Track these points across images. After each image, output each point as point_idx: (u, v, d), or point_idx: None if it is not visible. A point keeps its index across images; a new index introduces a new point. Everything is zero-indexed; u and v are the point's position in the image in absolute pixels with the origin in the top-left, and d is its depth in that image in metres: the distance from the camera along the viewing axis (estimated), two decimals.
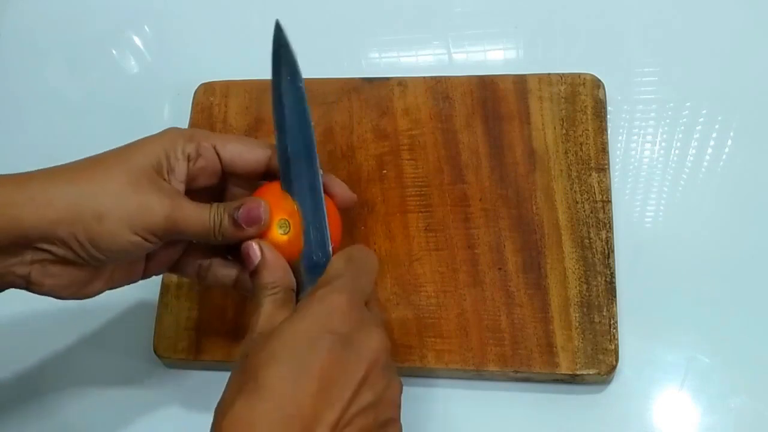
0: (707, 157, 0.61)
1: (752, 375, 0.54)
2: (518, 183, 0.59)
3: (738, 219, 0.59)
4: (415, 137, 0.62)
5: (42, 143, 0.69)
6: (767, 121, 0.62)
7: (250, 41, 0.72)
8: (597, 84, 0.61)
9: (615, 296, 0.55)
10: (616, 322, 0.54)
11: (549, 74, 0.62)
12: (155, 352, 0.57)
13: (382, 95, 0.64)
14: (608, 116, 0.61)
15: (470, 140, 0.61)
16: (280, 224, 0.47)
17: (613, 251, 0.56)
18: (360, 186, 0.60)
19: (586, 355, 0.53)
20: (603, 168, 0.59)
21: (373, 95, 0.64)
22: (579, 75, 0.62)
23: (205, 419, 0.42)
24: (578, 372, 0.53)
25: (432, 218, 0.59)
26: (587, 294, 0.55)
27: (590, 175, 0.58)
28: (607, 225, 0.57)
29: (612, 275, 0.55)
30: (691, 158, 0.61)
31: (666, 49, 0.66)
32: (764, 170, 0.60)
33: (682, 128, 0.62)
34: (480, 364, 0.54)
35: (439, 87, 0.63)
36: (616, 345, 0.53)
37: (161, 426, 0.57)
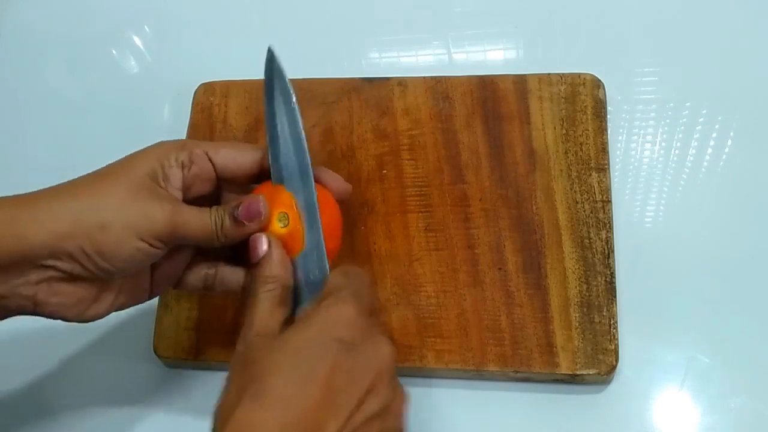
0: (707, 157, 0.61)
1: (752, 375, 0.54)
2: (518, 183, 0.59)
3: (738, 219, 0.59)
4: (415, 137, 0.62)
5: (42, 143, 0.69)
6: (767, 121, 0.62)
7: (250, 41, 0.72)
8: (597, 84, 0.61)
9: (615, 296, 0.55)
10: (616, 322, 0.54)
11: (549, 74, 0.62)
12: (155, 353, 0.58)
13: (382, 95, 0.64)
14: (608, 116, 0.61)
15: (470, 140, 0.61)
16: (280, 217, 0.47)
17: (613, 251, 0.56)
18: (360, 186, 0.60)
19: (586, 355, 0.53)
20: (603, 168, 0.59)
21: (373, 95, 0.64)
22: (579, 75, 0.62)
23: (206, 419, 0.42)
24: (578, 372, 0.53)
25: (432, 218, 0.59)
26: (587, 294, 0.55)
27: (590, 175, 0.58)
28: (607, 225, 0.57)
29: (612, 275, 0.55)
30: (691, 158, 0.61)
31: (666, 49, 0.66)
32: (764, 170, 0.60)
33: (682, 128, 0.62)
34: (480, 364, 0.54)
35: (439, 87, 0.63)
36: (616, 345, 0.53)
37: (161, 426, 0.57)
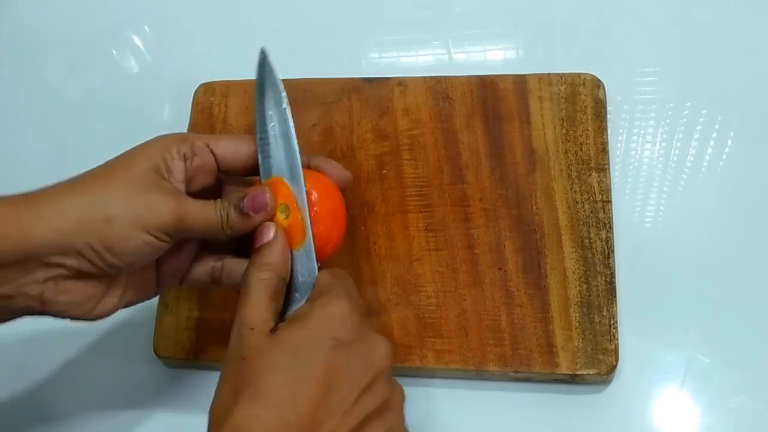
0: (707, 157, 0.61)
1: (752, 375, 0.54)
2: (518, 183, 0.59)
3: (738, 219, 0.59)
4: (415, 137, 0.62)
5: (42, 143, 0.69)
6: (767, 121, 0.62)
7: (250, 41, 0.71)
8: (597, 84, 0.61)
9: (615, 296, 0.55)
10: (616, 322, 0.54)
11: (549, 74, 0.62)
12: (155, 352, 0.58)
13: (382, 95, 0.64)
14: (608, 116, 0.61)
15: (470, 140, 0.61)
16: (281, 209, 0.47)
17: (613, 251, 0.56)
18: (360, 186, 0.60)
19: (586, 355, 0.53)
20: (603, 168, 0.59)
21: (373, 95, 0.64)
22: (579, 75, 0.62)
23: (206, 419, 0.42)
24: (578, 372, 0.53)
25: (432, 218, 0.59)
26: (587, 294, 0.55)
27: (590, 175, 0.58)
28: (607, 225, 0.57)
29: (612, 275, 0.55)
30: (691, 158, 0.61)
31: (666, 49, 0.66)
32: (764, 170, 0.60)
33: (682, 128, 0.62)
34: (480, 364, 0.54)
35: (439, 87, 0.63)
36: (616, 345, 0.53)
37: (161, 426, 0.57)
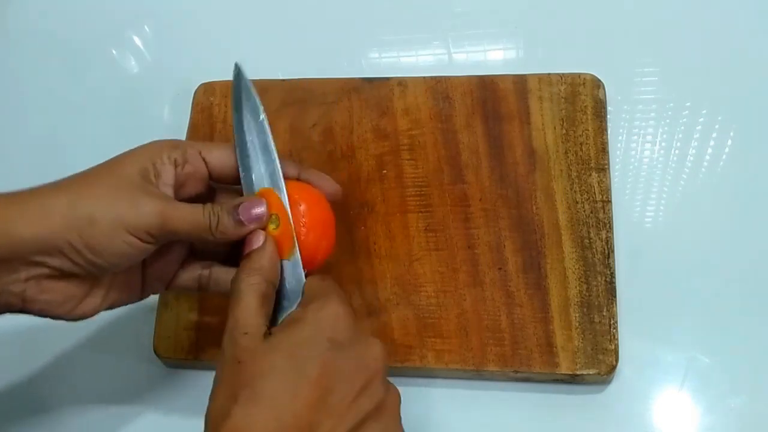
0: (707, 157, 0.61)
1: (752, 375, 0.54)
2: (518, 183, 0.59)
3: (738, 219, 0.59)
4: (415, 137, 0.62)
5: (42, 143, 0.69)
6: (767, 121, 0.62)
7: (250, 41, 0.72)
8: (597, 84, 0.61)
9: (615, 296, 0.55)
10: (616, 322, 0.54)
11: (549, 74, 0.62)
12: (155, 352, 0.57)
13: (382, 95, 0.64)
14: (608, 116, 0.61)
15: (470, 140, 0.61)
16: (271, 219, 0.47)
17: (613, 251, 0.56)
18: (360, 186, 0.60)
19: (586, 355, 0.53)
20: (603, 168, 0.59)
21: (373, 95, 0.64)
22: (579, 75, 0.62)
23: None
24: (578, 372, 0.53)
25: (432, 218, 0.59)
26: (587, 294, 0.55)
27: (590, 175, 0.58)
28: (607, 225, 0.57)
29: (612, 275, 0.55)
30: (691, 158, 0.61)
31: (666, 49, 0.66)
32: (764, 170, 0.60)
33: (682, 128, 0.62)
34: (480, 364, 0.54)
35: (439, 87, 0.63)
36: (616, 345, 0.53)
37: (161, 426, 0.57)
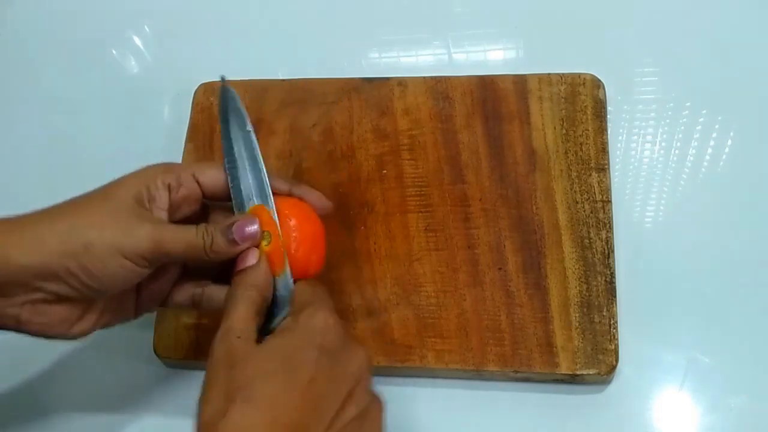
0: (707, 157, 0.61)
1: (752, 375, 0.54)
2: (518, 183, 0.59)
3: (738, 219, 0.59)
4: (415, 137, 0.62)
5: (42, 143, 0.69)
6: (767, 121, 0.62)
7: (250, 41, 0.72)
8: (597, 84, 0.61)
9: (615, 296, 0.55)
10: (616, 322, 0.54)
11: (549, 74, 0.62)
12: (155, 352, 0.57)
13: (382, 95, 0.64)
14: (608, 116, 0.61)
15: (470, 140, 0.61)
16: (263, 236, 0.48)
17: (613, 251, 0.56)
18: (360, 186, 0.60)
19: (586, 355, 0.53)
20: (603, 168, 0.59)
21: (373, 95, 0.64)
22: (579, 75, 0.62)
23: None
24: (578, 372, 0.53)
25: (432, 218, 0.59)
26: (587, 294, 0.55)
27: (590, 175, 0.58)
28: (607, 225, 0.57)
29: (612, 275, 0.55)
30: (691, 158, 0.61)
31: (666, 49, 0.66)
32: (764, 170, 0.60)
33: (682, 128, 0.62)
34: (480, 364, 0.54)
35: (439, 87, 0.63)
36: (616, 345, 0.53)
37: (161, 426, 0.57)
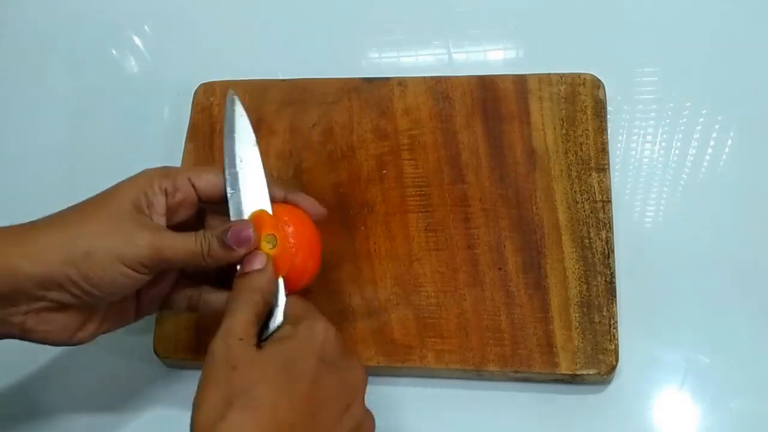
0: (707, 157, 0.61)
1: (752, 375, 0.54)
2: (518, 183, 0.59)
3: (738, 219, 0.59)
4: (415, 137, 0.62)
5: (42, 143, 0.69)
6: (767, 121, 0.62)
7: (250, 41, 0.72)
8: (597, 84, 0.61)
9: (615, 296, 0.55)
10: (616, 322, 0.54)
11: (549, 74, 0.62)
12: (155, 353, 0.57)
13: (382, 95, 0.64)
14: (608, 116, 0.61)
15: (470, 140, 0.61)
16: (267, 239, 0.48)
17: (613, 251, 0.56)
18: (360, 186, 0.60)
19: (586, 355, 0.53)
20: (603, 168, 0.59)
21: (373, 95, 0.64)
22: (579, 75, 0.62)
23: None
24: (578, 372, 0.53)
25: (432, 218, 0.59)
26: (587, 294, 0.55)
27: (590, 175, 0.58)
28: (607, 225, 0.57)
29: (612, 275, 0.55)
30: (691, 158, 0.61)
31: (666, 49, 0.66)
32: (764, 170, 0.60)
33: (682, 128, 0.62)
34: (480, 364, 0.54)
35: (439, 87, 0.63)
36: (616, 345, 0.53)
37: (161, 426, 0.57)
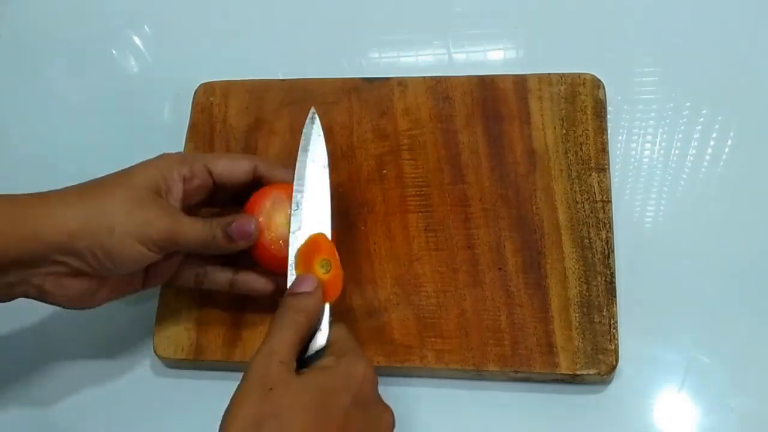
0: (707, 157, 0.61)
1: (752, 375, 0.54)
2: (518, 183, 0.59)
3: (738, 219, 0.59)
4: (415, 137, 0.62)
5: (42, 143, 0.69)
6: (767, 121, 0.62)
7: (250, 41, 0.72)
8: (597, 84, 0.61)
9: (615, 296, 0.55)
10: (616, 322, 0.54)
11: (549, 74, 0.62)
12: (155, 352, 0.57)
13: (382, 95, 0.64)
14: (608, 116, 0.61)
15: (470, 140, 0.61)
16: (322, 264, 0.50)
17: (613, 251, 0.56)
18: (360, 186, 0.60)
19: (586, 355, 0.53)
20: (603, 168, 0.59)
21: (373, 95, 0.64)
22: (579, 75, 0.62)
23: (205, 419, 0.42)
24: (578, 372, 0.53)
25: (432, 218, 0.59)
26: (587, 294, 0.55)
27: (590, 175, 0.58)
28: (607, 225, 0.57)
29: (612, 275, 0.55)
30: (691, 158, 0.61)
31: (666, 49, 0.66)
32: (764, 170, 0.60)
33: (682, 128, 0.62)
34: (480, 364, 0.54)
35: (439, 87, 0.63)
36: (616, 345, 0.53)
37: (161, 426, 0.57)
